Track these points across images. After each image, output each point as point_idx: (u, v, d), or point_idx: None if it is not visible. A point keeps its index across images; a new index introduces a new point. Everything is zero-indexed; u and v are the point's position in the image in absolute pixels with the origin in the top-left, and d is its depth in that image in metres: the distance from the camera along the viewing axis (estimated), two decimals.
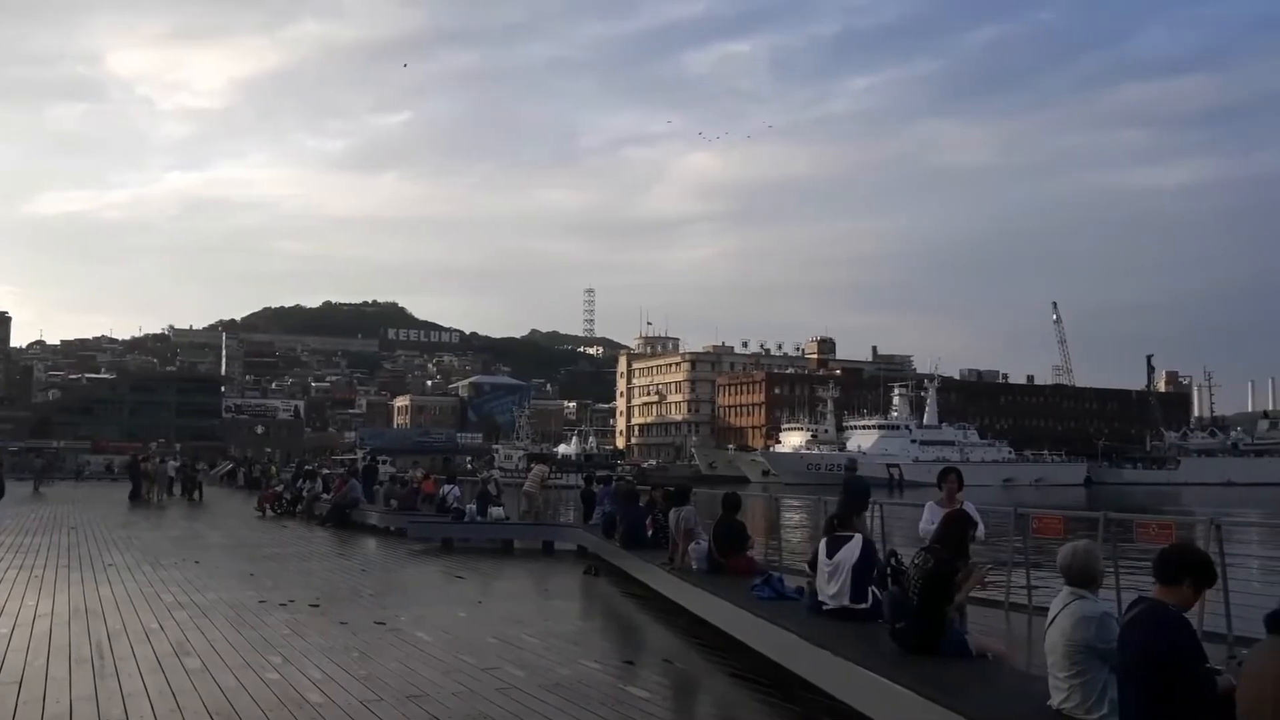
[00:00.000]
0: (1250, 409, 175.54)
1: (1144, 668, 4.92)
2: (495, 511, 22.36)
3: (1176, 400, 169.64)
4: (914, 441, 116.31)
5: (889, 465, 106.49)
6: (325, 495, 29.69)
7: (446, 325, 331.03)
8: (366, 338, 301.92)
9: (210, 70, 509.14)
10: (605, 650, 10.43)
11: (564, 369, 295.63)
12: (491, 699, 7.63)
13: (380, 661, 9.06)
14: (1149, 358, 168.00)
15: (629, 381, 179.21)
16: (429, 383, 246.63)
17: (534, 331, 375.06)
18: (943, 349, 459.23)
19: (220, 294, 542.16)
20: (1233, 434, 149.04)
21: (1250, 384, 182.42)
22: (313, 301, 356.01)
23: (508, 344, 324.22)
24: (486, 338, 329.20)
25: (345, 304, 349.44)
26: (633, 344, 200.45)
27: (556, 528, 22.26)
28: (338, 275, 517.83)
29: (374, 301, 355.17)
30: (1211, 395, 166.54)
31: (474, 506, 22.67)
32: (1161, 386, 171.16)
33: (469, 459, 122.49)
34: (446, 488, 24.73)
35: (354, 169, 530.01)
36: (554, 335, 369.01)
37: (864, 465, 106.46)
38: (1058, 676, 5.57)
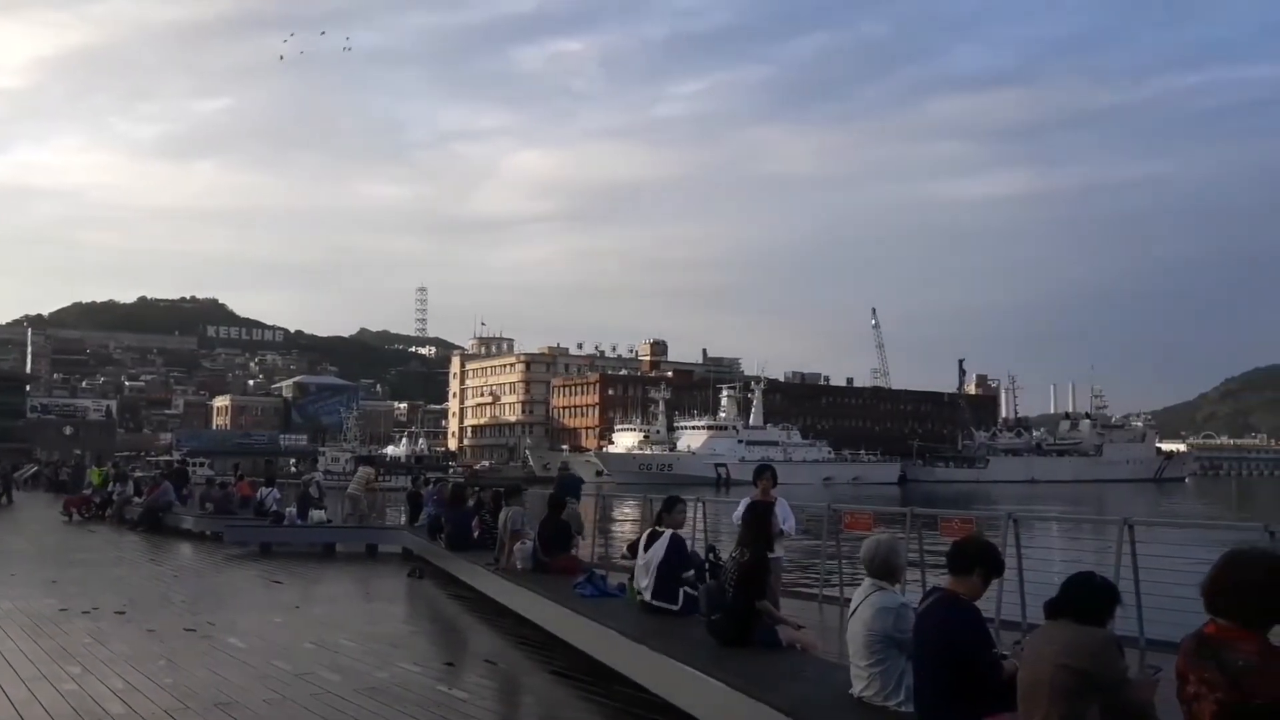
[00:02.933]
0: (1053, 410, 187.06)
1: (935, 655, 5.21)
2: (316, 515, 21.77)
3: (985, 402, 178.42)
4: (741, 441, 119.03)
5: (717, 465, 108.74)
6: (137, 499, 28.24)
7: (270, 323, 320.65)
8: (184, 335, 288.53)
9: (9, 46, 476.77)
10: (426, 652, 10.31)
11: (395, 369, 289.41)
12: (304, 704, 7.46)
13: (188, 669, 8.72)
14: (960, 362, 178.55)
15: (462, 382, 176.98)
16: (251, 382, 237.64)
17: (363, 330, 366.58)
18: (770, 351, 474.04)
19: (26, 288, 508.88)
20: (1036, 434, 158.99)
21: (1053, 387, 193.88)
22: (127, 297, 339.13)
23: (335, 343, 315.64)
24: (313, 336, 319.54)
25: (162, 300, 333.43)
26: (466, 344, 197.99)
27: (381, 530, 21.84)
28: (154, 269, 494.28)
29: (193, 298, 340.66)
30: (1016, 398, 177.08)
31: (294, 510, 22.00)
32: (971, 389, 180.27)
33: (293, 461, 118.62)
34: (265, 490, 23.89)
35: (170, 157, 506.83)
36: (384, 335, 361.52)
37: (693, 464, 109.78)
38: (858, 665, 5.83)
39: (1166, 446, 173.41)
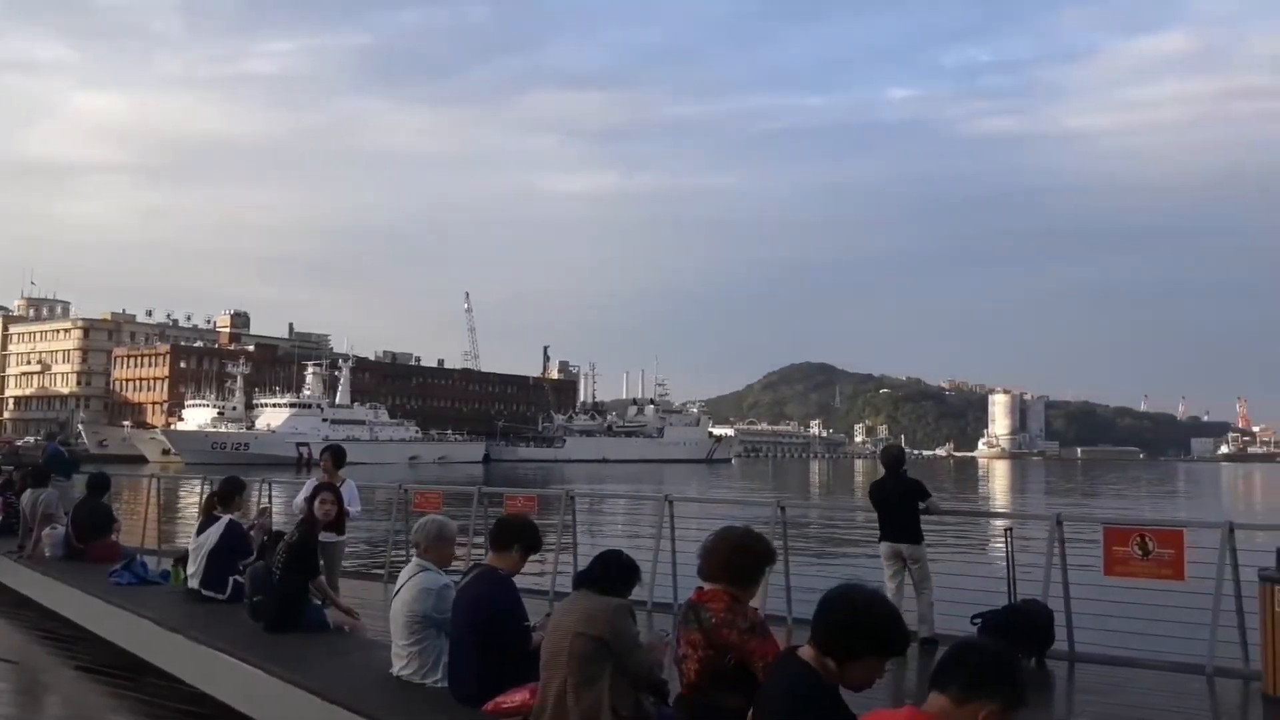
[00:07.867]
0: (625, 396, 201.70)
1: (470, 627, 5.41)
2: None
3: (566, 387, 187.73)
4: (325, 420, 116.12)
5: (299, 444, 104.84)
6: None
7: None
8: None
9: None
10: None
11: None
12: None
13: None
14: (545, 348, 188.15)
15: (4, 348, 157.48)
16: None
17: None
18: (363, 330, 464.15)
19: None
20: (609, 417, 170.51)
21: (625, 374, 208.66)
22: None
23: None
24: None
25: None
26: (12, 305, 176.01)
27: None
28: None
29: None
30: (594, 383, 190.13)
31: None
32: (555, 374, 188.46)
33: None
34: None
35: None
36: None
37: (273, 443, 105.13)
38: (399, 645, 5.92)
39: (717, 430, 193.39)
